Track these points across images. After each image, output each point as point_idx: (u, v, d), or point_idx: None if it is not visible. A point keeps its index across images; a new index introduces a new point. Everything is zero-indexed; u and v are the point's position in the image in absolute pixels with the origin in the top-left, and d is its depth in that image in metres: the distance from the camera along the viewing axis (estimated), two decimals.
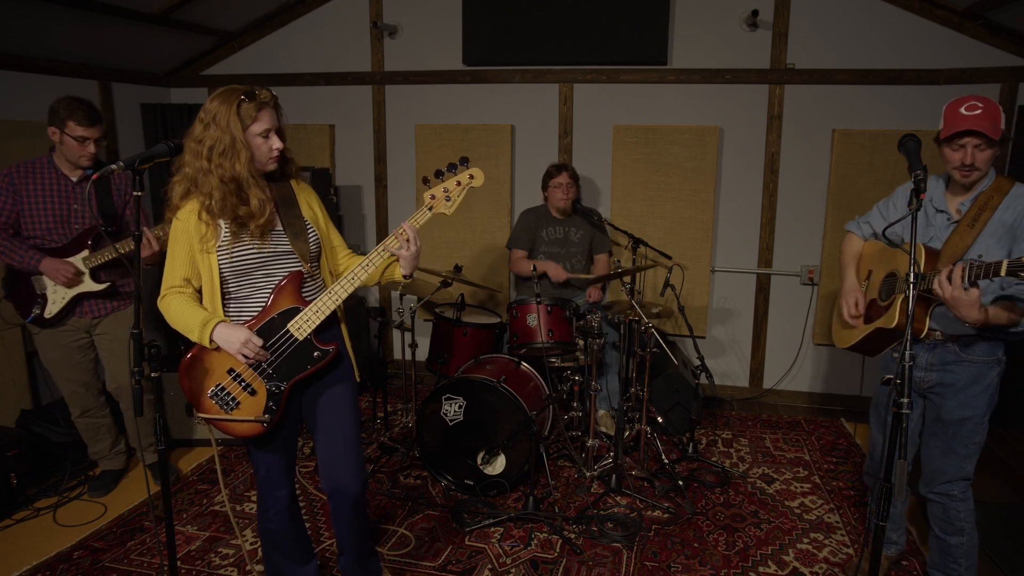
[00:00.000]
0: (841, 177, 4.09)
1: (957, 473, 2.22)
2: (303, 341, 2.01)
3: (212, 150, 1.88)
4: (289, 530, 2.22)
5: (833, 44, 4.05)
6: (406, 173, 4.73)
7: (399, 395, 4.48)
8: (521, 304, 3.54)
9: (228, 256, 1.96)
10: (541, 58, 4.35)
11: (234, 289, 2.02)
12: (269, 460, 2.11)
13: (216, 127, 1.88)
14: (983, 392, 2.16)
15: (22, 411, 3.54)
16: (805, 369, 4.45)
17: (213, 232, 1.94)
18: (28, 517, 3.04)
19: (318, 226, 2.13)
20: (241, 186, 1.91)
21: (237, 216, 1.92)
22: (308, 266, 2.05)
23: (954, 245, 2.08)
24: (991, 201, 2.06)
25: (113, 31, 3.97)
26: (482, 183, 2.16)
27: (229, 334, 1.92)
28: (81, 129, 2.81)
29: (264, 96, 1.93)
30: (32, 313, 2.94)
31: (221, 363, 1.98)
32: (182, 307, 1.96)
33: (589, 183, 4.47)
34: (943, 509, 2.26)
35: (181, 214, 1.96)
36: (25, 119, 3.72)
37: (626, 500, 3.20)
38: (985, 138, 2.00)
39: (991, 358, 2.15)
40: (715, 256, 4.42)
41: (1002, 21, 3.73)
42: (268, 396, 2.00)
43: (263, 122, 1.93)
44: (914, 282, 1.71)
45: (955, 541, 2.26)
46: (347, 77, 4.66)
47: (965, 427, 2.18)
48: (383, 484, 3.35)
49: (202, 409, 2.00)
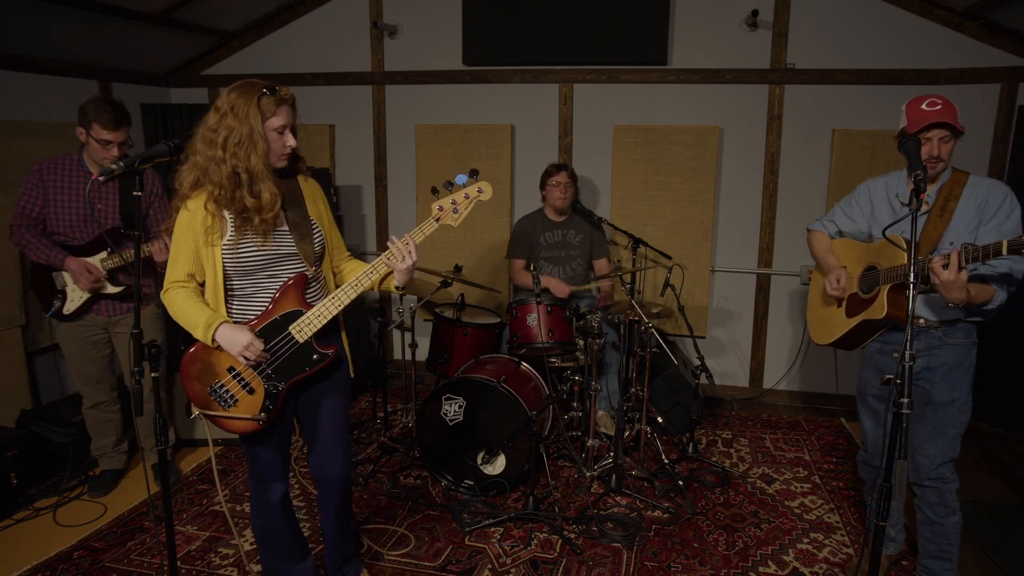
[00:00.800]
0: (841, 177, 4.09)
1: (947, 455, 2.31)
2: (303, 344, 2.02)
3: (228, 140, 1.88)
4: (283, 527, 2.23)
5: (833, 44, 4.05)
6: (406, 173, 4.73)
7: (399, 395, 4.48)
8: (521, 304, 3.54)
9: (232, 253, 1.96)
10: (541, 58, 4.36)
11: (238, 287, 2.03)
12: (264, 457, 2.13)
13: (233, 117, 1.87)
14: (967, 372, 2.30)
15: (22, 411, 3.54)
16: (805, 369, 4.45)
17: (219, 225, 1.93)
18: (28, 517, 3.04)
19: (323, 225, 2.14)
20: (253, 178, 1.91)
21: (244, 209, 1.91)
22: (312, 268, 2.06)
23: (928, 235, 2.23)
24: (953, 191, 2.23)
25: (113, 31, 3.97)
26: (491, 197, 2.14)
27: (232, 336, 1.92)
28: (106, 132, 2.82)
29: (285, 93, 1.95)
30: (52, 307, 2.98)
31: (222, 361, 1.99)
32: (186, 303, 1.96)
33: (589, 183, 4.47)
34: (938, 494, 2.33)
35: (191, 204, 1.94)
36: (25, 119, 3.72)
37: (626, 500, 3.20)
38: (951, 130, 2.16)
39: (969, 340, 2.30)
40: (715, 256, 4.42)
41: (1002, 21, 3.73)
42: (266, 396, 2.02)
43: (281, 117, 1.94)
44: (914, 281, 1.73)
45: (951, 521, 2.33)
46: (347, 77, 4.66)
47: (954, 407, 2.29)
48: (383, 484, 3.35)
49: (201, 404, 2.00)
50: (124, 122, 2.87)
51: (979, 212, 2.19)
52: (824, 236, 2.61)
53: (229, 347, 1.93)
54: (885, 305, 2.22)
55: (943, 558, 2.37)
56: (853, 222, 2.49)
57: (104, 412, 3.25)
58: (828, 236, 2.60)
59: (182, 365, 2.00)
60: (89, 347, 3.11)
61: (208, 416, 2.01)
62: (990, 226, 2.17)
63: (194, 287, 1.99)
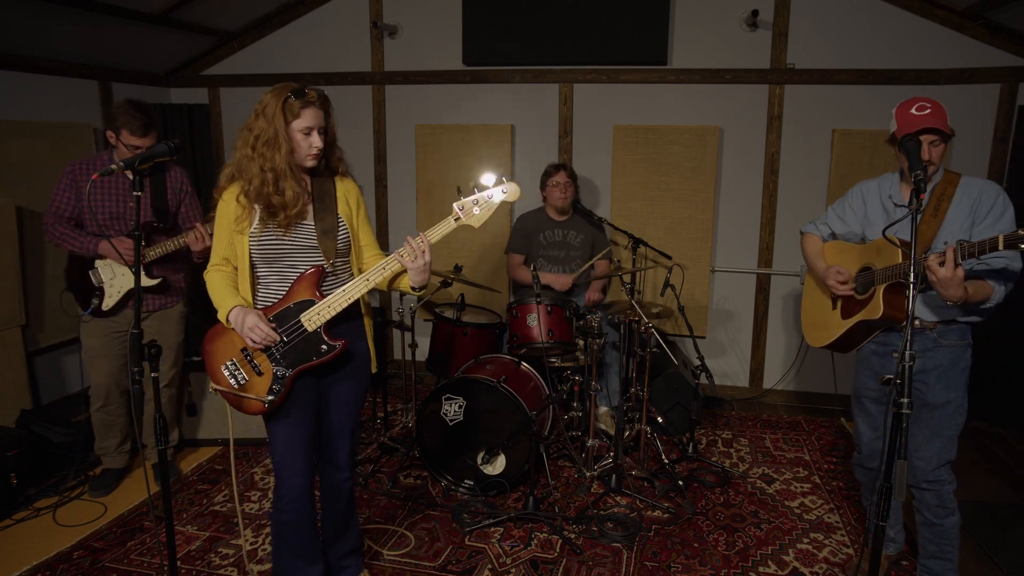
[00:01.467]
0: (841, 177, 4.09)
1: (944, 456, 2.30)
2: (312, 333, 2.09)
3: (258, 139, 2.01)
4: (303, 522, 2.22)
5: (833, 44, 4.05)
6: (406, 173, 4.73)
7: (399, 395, 4.48)
8: (521, 304, 3.54)
9: (257, 242, 2.09)
10: (541, 58, 4.35)
11: (263, 274, 2.15)
12: (284, 444, 2.15)
13: (264, 119, 2.00)
14: (962, 374, 2.30)
15: (22, 411, 3.54)
16: (805, 369, 4.44)
17: (248, 215, 2.07)
18: (28, 517, 3.04)
19: (351, 224, 2.20)
20: (279, 177, 2.02)
21: (270, 204, 2.04)
22: (330, 263, 2.12)
23: (923, 234, 2.23)
24: (946, 192, 2.24)
25: (113, 31, 3.97)
26: (517, 198, 2.12)
27: (240, 317, 2.04)
28: (135, 139, 2.90)
29: (311, 96, 2.03)
30: (91, 304, 3.05)
31: (236, 342, 2.11)
32: (218, 285, 2.13)
33: (589, 183, 4.47)
34: (937, 496, 2.32)
35: (226, 195, 2.10)
36: (25, 119, 3.73)
37: (626, 500, 3.20)
38: (940, 134, 2.17)
39: (963, 342, 2.30)
40: (715, 256, 4.42)
41: (1002, 21, 3.73)
42: (273, 379, 2.10)
43: (305, 119, 2.02)
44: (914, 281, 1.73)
45: (950, 522, 2.33)
46: (347, 77, 4.66)
47: (950, 409, 2.29)
48: (383, 484, 3.35)
49: (216, 379, 2.13)
50: (152, 128, 2.95)
51: (972, 212, 2.21)
52: (816, 239, 2.62)
53: (238, 328, 2.04)
54: (881, 305, 2.23)
55: (944, 558, 2.37)
56: (845, 224, 2.50)
57: (111, 415, 3.25)
58: (821, 239, 2.62)
59: (205, 340, 2.15)
60: (113, 342, 3.13)
61: (220, 391, 2.12)
62: (984, 225, 2.19)
63: (229, 271, 2.15)
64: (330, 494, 2.38)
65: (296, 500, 2.18)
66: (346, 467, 2.35)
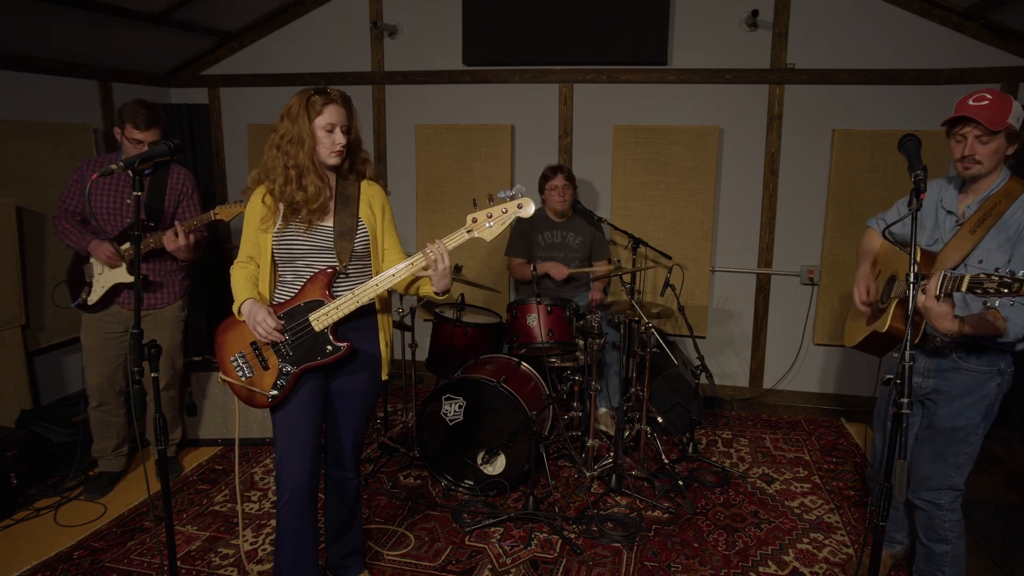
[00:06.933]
0: (841, 177, 4.09)
1: (944, 482, 2.17)
2: (319, 333, 2.10)
3: (283, 139, 2.08)
4: (302, 519, 2.20)
5: (833, 44, 4.05)
6: (406, 173, 4.72)
7: (399, 395, 4.48)
8: (521, 304, 3.53)
9: (279, 240, 2.15)
10: (541, 58, 4.35)
11: (283, 272, 2.21)
12: (286, 440, 2.16)
13: (289, 119, 2.07)
14: (979, 402, 2.08)
15: (22, 411, 3.54)
16: (805, 369, 4.44)
17: (272, 216, 2.14)
18: (28, 517, 3.04)
19: (372, 227, 2.21)
20: (302, 173, 2.07)
21: (294, 201, 2.09)
22: (343, 264, 2.15)
23: (952, 250, 1.99)
24: (998, 207, 1.92)
25: (113, 31, 3.96)
26: (531, 214, 2.08)
27: (249, 311, 2.10)
28: (137, 133, 2.97)
29: (333, 94, 2.09)
30: (79, 298, 3.13)
31: (247, 335, 2.17)
32: (239, 280, 2.21)
33: (589, 183, 4.47)
34: (928, 517, 2.22)
35: (253, 197, 2.19)
36: (25, 119, 3.72)
37: (626, 500, 3.20)
38: (984, 128, 1.88)
39: (991, 368, 2.05)
40: (715, 256, 4.42)
41: (1002, 21, 3.73)
42: (278, 375, 2.14)
43: (328, 116, 2.06)
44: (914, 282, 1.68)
45: (939, 549, 2.22)
46: (347, 77, 4.66)
47: (956, 436, 2.13)
48: (383, 484, 3.35)
49: (225, 370, 2.19)
50: (156, 123, 3.02)
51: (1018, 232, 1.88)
52: (875, 236, 2.37)
53: (247, 321, 2.11)
54: (889, 319, 2.06)
55: None
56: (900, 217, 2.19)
57: (108, 415, 3.25)
58: (878, 234, 2.34)
59: (218, 331, 2.21)
60: (108, 342, 3.16)
61: (228, 383, 2.18)
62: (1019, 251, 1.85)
63: (252, 268, 2.23)
64: (334, 493, 2.40)
65: (296, 496, 2.17)
66: (351, 468, 2.36)
